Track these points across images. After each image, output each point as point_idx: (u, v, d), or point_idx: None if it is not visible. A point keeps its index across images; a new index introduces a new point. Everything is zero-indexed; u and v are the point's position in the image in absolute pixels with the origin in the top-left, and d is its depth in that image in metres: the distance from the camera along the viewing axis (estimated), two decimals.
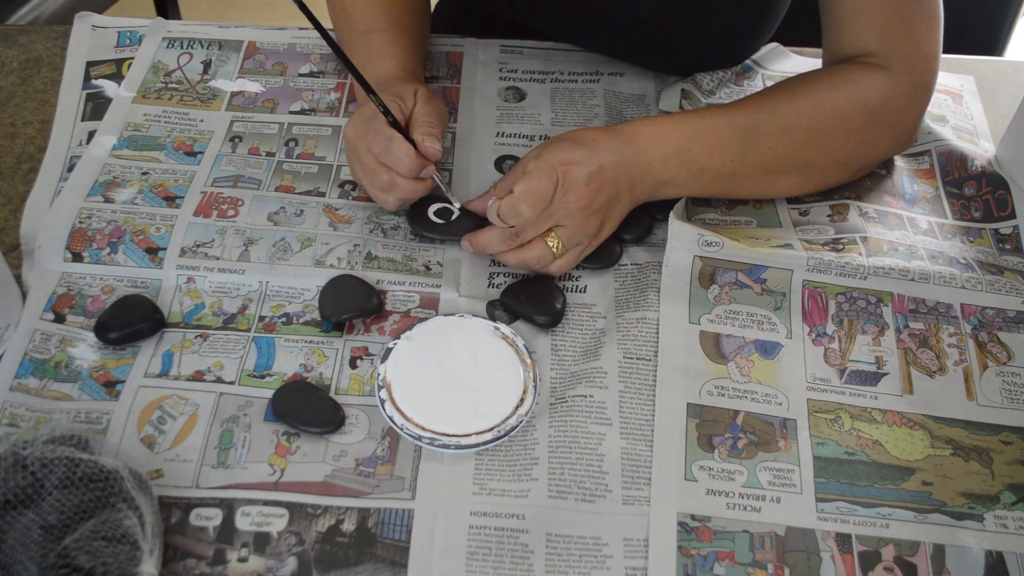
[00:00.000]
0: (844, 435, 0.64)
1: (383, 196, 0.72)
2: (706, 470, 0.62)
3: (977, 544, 0.60)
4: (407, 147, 0.69)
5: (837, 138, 0.73)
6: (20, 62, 0.88)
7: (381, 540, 0.58)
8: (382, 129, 0.69)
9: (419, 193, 0.72)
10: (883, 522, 0.60)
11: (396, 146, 0.69)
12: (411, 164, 0.69)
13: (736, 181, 0.73)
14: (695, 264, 0.71)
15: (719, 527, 0.59)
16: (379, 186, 0.71)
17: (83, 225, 0.73)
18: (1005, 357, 0.69)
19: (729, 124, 0.71)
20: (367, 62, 0.69)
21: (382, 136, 0.69)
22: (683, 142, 0.71)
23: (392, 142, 0.69)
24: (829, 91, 0.73)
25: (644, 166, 0.70)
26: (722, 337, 0.68)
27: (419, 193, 0.72)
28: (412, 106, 0.72)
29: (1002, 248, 0.75)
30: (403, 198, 0.72)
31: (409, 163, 0.69)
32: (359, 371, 0.66)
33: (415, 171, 0.70)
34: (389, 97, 0.70)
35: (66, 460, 0.53)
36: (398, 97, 0.71)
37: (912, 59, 0.73)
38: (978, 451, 0.64)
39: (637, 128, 0.71)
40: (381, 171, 0.70)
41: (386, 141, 0.69)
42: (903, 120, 0.76)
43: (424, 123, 0.70)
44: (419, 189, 0.71)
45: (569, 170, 0.67)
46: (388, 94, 0.71)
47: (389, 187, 0.70)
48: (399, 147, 0.69)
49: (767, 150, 0.72)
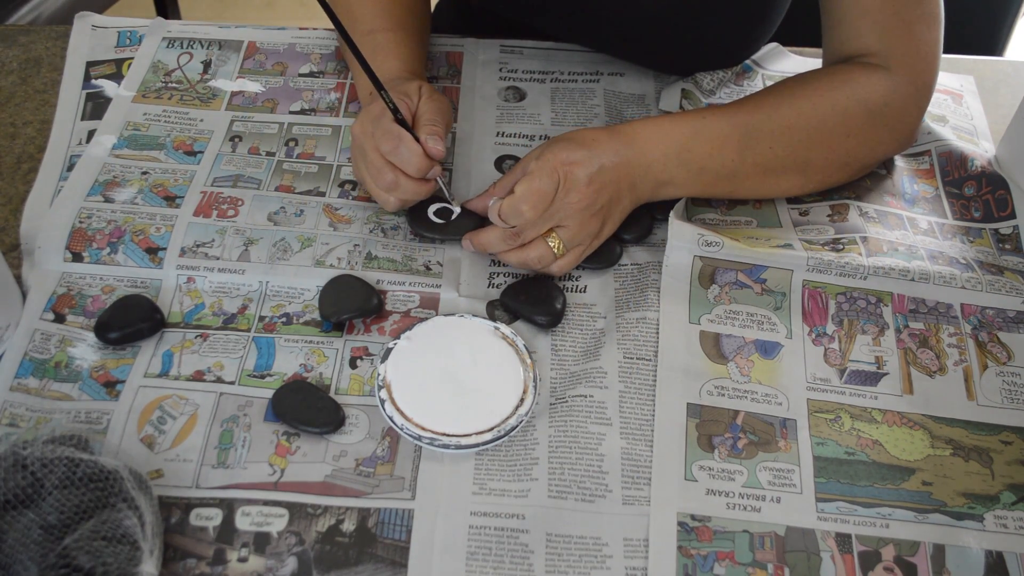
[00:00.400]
0: (844, 435, 0.64)
1: (385, 196, 0.72)
2: (706, 470, 0.62)
3: (977, 544, 0.60)
4: (416, 147, 0.69)
5: (837, 138, 0.73)
6: (20, 62, 0.88)
7: (381, 540, 0.58)
8: (390, 127, 0.69)
9: (421, 195, 0.72)
10: (883, 522, 0.60)
11: (405, 145, 0.69)
12: (419, 164, 0.69)
13: (736, 181, 0.73)
14: (695, 264, 0.71)
15: (719, 527, 0.59)
16: (383, 185, 0.71)
17: (83, 225, 0.73)
18: (1005, 357, 0.69)
19: (729, 124, 0.72)
20: (371, 62, 0.69)
21: (391, 135, 0.69)
22: (683, 142, 0.71)
23: (402, 141, 0.69)
24: (829, 91, 0.73)
25: (644, 166, 0.70)
26: (722, 337, 0.68)
27: (421, 195, 0.72)
28: (416, 103, 0.72)
29: (1002, 248, 0.75)
30: (405, 199, 0.72)
31: (417, 163, 0.69)
32: (359, 371, 0.66)
33: (422, 171, 0.69)
34: (395, 95, 0.70)
35: (66, 460, 0.53)
36: (404, 94, 0.71)
37: (912, 59, 0.73)
38: (978, 451, 0.64)
39: (637, 128, 0.71)
40: (387, 170, 0.70)
41: (395, 140, 0.69)
42: (903, 120, 0.76)
43: (428, 121, 0.70)
44: (422, 190, 0.71)
45: (571, 170, 0.67)
46: (393, 93, 0.71)
47: (393, 187, 0.70)
48: (408, 146, 0.69)
49: (767, 150, 0.72)
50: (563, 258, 0.70)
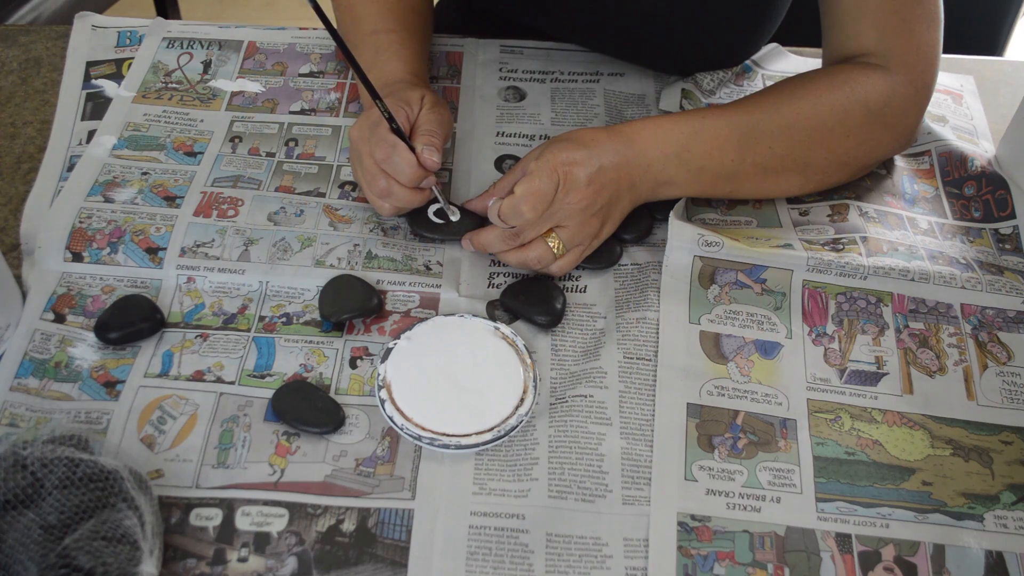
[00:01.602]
0: (844, 435, 0.64)
1: (379, 202, 0.72)
2: (706, 470, 0.62)
3: (977, 544, 0.60)
4: (409, 156, 0.69)
5: (837, 138, 0.73)
6: (20, 62, 0.88)
7: (381, 540, 0.58)
8: (385, 136, 0.69)
9: (415, 203, 0.72)
10: (883, 522, 0.60)
11: (398, 155, 0.69)
12: (411, 174, 0.69)
13: (736, 181, 0.73)
14: (695, 264, 0.71)
15: (719, 527, 0.59)
16: (377, 192, 0.71)
17: (83, 225, 0.73)
18: (1005, 357, 0.69)
19: (728, 124, 0.71)
20: (374, 62, 0.69)
21: (385, 143, 0.69)
22: (683, 142, 0.71)
23: (395, 150, 0.69)
24: (829, 91, 0.73)
25: (644, 166, 0.70)
26: (722, 337, 0.68)
27: (415, 203, 0.72)
28: (417, 112, 0.72)
29: (1002, 248, 0.75)
30: (399, 206, 0.72)
31: (410, 173, 0.69)
32: (359, 371, 0.66)
33: (415, 181, 0.70)
34: (395, 102, 0.70)
35: (66, 460, 0.53)
36: (405, 103, 0.71)
37: (912, 59, 0.73)
38: (978, 451, 0.64)
39: (637, 128, 0.71)
40: (381, 177, 0.70)
41: (389, 148, 0.69)
42: (903, 120, 0.76)
43: (425, 131, 0.70)
44: (416, 199, 0.71)
45: (570, 171, 0.67)
46: (394, 99, 0.71)
47: (386, 194, 0.70)
48: (401, 156, 0.69)
49: (767, 150, 0.72)
50: (563, 258, 0.70)
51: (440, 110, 0.73)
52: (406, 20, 0.80)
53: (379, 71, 0.74)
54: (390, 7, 0.80)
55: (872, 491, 0.62)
